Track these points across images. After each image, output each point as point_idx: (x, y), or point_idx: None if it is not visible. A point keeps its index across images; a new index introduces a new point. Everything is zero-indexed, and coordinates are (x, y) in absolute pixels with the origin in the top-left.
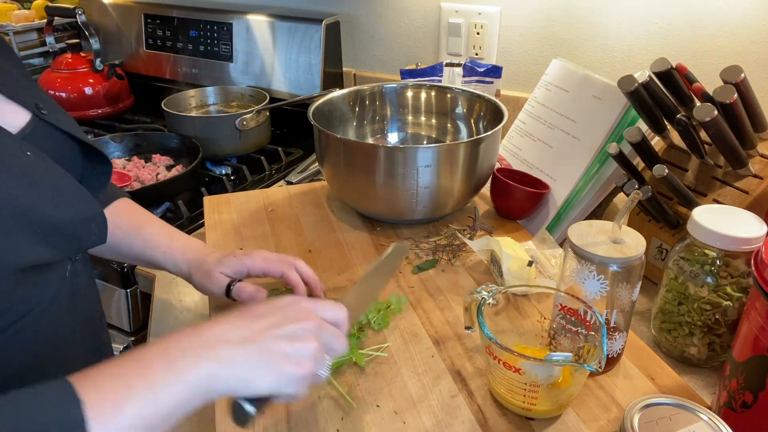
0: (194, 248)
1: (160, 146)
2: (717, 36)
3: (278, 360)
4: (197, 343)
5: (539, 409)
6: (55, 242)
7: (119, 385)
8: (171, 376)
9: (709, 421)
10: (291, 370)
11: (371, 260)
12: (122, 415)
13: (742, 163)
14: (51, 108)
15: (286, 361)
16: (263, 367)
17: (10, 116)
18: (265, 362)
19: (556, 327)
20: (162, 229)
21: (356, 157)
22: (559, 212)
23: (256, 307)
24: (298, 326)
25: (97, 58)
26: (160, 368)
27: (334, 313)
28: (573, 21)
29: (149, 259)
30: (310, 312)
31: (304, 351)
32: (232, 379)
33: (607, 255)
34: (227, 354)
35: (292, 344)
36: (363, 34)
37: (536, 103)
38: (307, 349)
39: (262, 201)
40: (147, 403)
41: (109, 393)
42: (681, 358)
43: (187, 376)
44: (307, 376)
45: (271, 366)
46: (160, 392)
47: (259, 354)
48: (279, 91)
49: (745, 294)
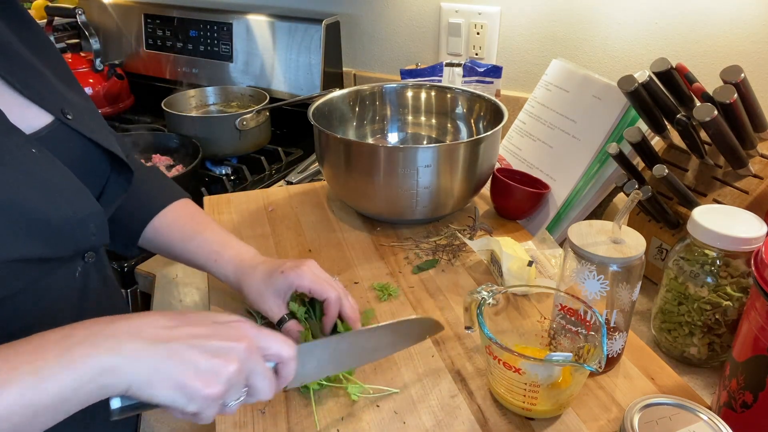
0: (244, 257)
1: (160, 146)
2: (717, 36)
3: (185, 370)
4: (104, 332)
5: (539, 409)
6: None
7: (5, 367)
8: (61, 364)
9: (709, 421)
10: (195, 386)
11: (371, 260)
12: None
13: (742, 163)
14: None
15: (193, 374)
16: (165, 373)
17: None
18: (169, 368)
19: (556, 327)
20: (215, 236)
21: (356, 157)
22: (559, 212)
23: (197, 314)
24: (225, 344)
25: (97, 58)
26: (52, 354)
27: (278, 348)
28: (573, 21)
29: (202, 266)
30: (249, 336)
31: (219, 370)
32: (129, 376)
33: (607, 255)
34: (132, 349)
35: (208, 359)
36: (363, 34)
37: (536, 103)
38: (223, 369)
39: (262, 201)
40: (29, 387)
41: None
42: (681, 358)
43: (77, 365)
44: (212, 399)
45: (175, 374)
46: (46, 379)
47: (166, 357)
48: (279, 91)
49: (745, 294)
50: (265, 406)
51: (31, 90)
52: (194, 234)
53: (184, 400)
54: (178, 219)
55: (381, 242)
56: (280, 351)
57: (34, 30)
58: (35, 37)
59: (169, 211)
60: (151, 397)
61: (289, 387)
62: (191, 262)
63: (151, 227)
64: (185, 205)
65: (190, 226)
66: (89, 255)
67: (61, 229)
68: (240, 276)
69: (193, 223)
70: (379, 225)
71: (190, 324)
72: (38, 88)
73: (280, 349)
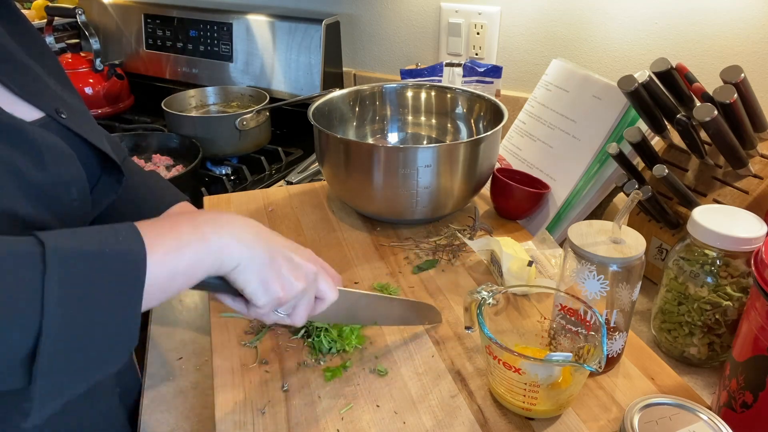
0: None
1: (160, 146)
2: (717, 36)
3: (272, 271)
4: (222, 219)
5: (539, 409)
6: (30, 194)
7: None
8: (194, 236)
9: (709, 421)
10: (273, 285)
11: (371, 260)
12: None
13: (742, 163)
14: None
15: (276, 276)
16: (261, 267)
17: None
18: (265, 264)
19: (556, 327)
20: None
21: (356, 157)
22: (559, 212)
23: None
24: (303, 263)
25: (97, 58)
26: (186, 229)
27: (327, 289)
28: (573, 21)
29: None
30: (315, 268)
31: (292, 282)
32: (239, 259)
33: (607, 255)
34: (247, 239)
35: (288, 269)
36: (363, 34)
37: (536, 103)
38: (295, 282)
39: (262, 201)
40: (171, 250)
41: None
42: (681, 358)
43: (207, 238)
44: (278, 301)
45: (266, 270)
46: (183, 246)
47: (266, 254)
48: (279, 91)
49: (745, 294)
50: (266, 406)
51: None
52: None
53: (260, 293)
54: None
55: (381, 242)
56: (328, 293)
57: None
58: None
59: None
60: (243, 282)
61: (311, 319)
62: None
63: None
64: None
65: None
66: None
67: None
68: None
69: None
70: (379, 225)
71: (282, 239)
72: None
73: (328, 291)
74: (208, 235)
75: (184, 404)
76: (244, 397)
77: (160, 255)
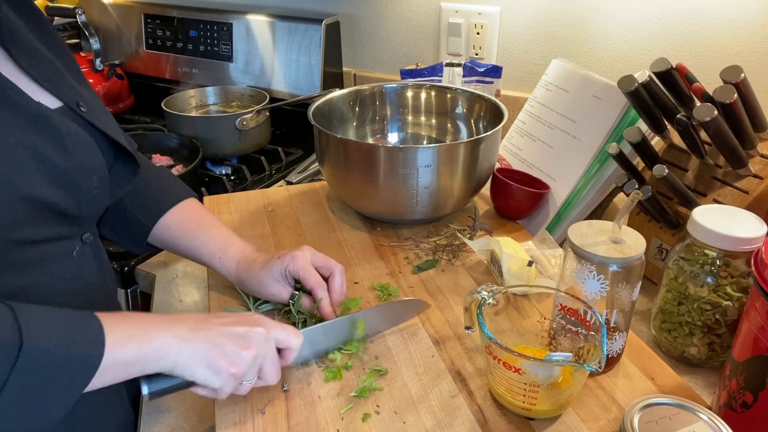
0: (246, 254)
1: (160, 146)
2: (717, 36)
3: (216, 352)
4: (170, 321)
5: (539, 409)
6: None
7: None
8: (142, 331)
9: (709, 421)
10: (223, 366)
11: (371, 260)
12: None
13: (742, 163)
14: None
15: (222, 355)
16: (202, 353)
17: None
18: (205, 350)
19: (556, 327)
20: (220, 235)
21: (356, 157)
22: (559, 212)
23: (220, 314)
24: (248, 330)
25: (97, 58)
26: (132, 324)
27: (286, 338)
28: (573, 21)
29: (207, 263)
30: (265, 326)
31: (242, 353)
32: (176, 356)
33: (607, 255)
34: (182, 333)
35: (233, 343)
36: (363, 34)
37: (536, 103)
38: (245, 352)
39: (262, 201)
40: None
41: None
42: (681, 358)
43: (151, 336)
44: (234, 377)
45: (209, 355)
46: (129, 341)
47: (203, 340)
48: (279, 91)
49: (745, 294)
50: (266, 406)
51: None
52: (200, 232)
53: (213, 378)
54: (185, 218)
55: (381, 242)
56: (289, 341)
57: (48, 28)
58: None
59: (177, 209)
60: (190, 374)
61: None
62: (196, 259)
63: (160, 225)
64: (192, 204)
65: (197, 224)
66: (87, 236)
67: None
68: (241, 271)
69: (199, 222)
70: (379, 225)
71: (218, 317)
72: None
73: (289, 339)
74: (150, 335)
75: (184, 404)
76: (244, 397)
77: (109, 345)
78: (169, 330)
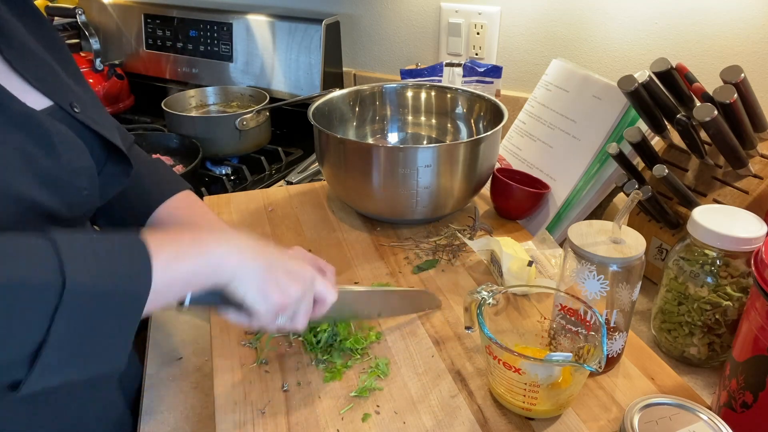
0: None
1: (160, 146)
2: (717, 36)
3: (270, 280)
4: (223, 235)
5: (539, 409)
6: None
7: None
8: (194, 247)
9: (709, 421)
10: (273, 294)
11: (371, 260)
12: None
13: (742, 163)
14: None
15: (274, 284)
16: (258, 278)
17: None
18: (262, 275)
19: (556, 327)
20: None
21: (356, 157)
22: (559, 212)
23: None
24: (298, 270)
25: (97, 58)
26: (187, 240)
27: (325, 291)
28: (573, 21)
29: None
30: (312, 272)
31: (289, 288)
32: (235, 272)
33: (607, 255)
34: (243, 250)
35: (286, 277)
36: (363, 34)
37: (536, 103)
38: (292, 288)
39: (262, 201)
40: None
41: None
42: (681, 358)
43: (207, 250)
44: (277, 307)
45: (263, 281)
46: (182, 257)
47: (263, 266)
48: (279, 91)
49: (745, 294)
50: (266, 406)
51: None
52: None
53: (261, 302)
54: (180, 210)
55: (381, 242)
56: (327, 294)
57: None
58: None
59: (171, 202)
60: (243, 293)
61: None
62: None
63: (154, 217)
64: (187, 196)
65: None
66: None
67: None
68: None
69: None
70: (379, 225)
71: (275, 248)
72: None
73: (327, 293)
74: (207, 247)
75: (184, 404)
76: (244, 397)
77: (161, 263)
78: (229, 246)
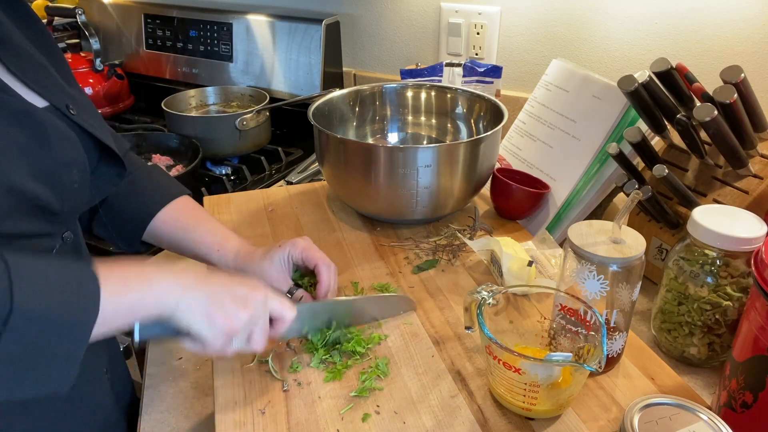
0: (244, 246)
1: (160, 146)
2: (717, 36)
3: (216, 306)
4: (165, 268)
5: (539, 409)
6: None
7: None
8: (140, 279)
9: (709, 421)
10: (220, 321)
11: (371, 260)
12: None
13: (742, 163)
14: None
15: (221, 310)
16: (202, 305)
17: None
18: (206, 302)
19: (556, 327)
20: (216, 228)
21: (356, 157)
22: (559, 212)
23: (220, 272)
24: (247, 292)
25: (97, 58)
26: (134, 272)
27: (281, 309)
28: (573, 21)
29: (204, 257)
30: (263, 292)
31: (239, 313)
32: (179, 303)
33: (607, 255)
34: (185, 280)
35: (232, 302)
36: (363, 34)
37: (536, 103)
38: (241, 312)
39: (262, 201)
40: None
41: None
42: (681, 358)
43: (151, 282)
44: (227, 333)
45: (208, 308)
46: (128, 288)
47: (206, 293)
48: (279, 91)
49: (745, 294)
50: (266, 406)
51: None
52: (197, 226)
53: (208, 330)
54: (180, 213)
55: (381, 242)
56: (283, 312)
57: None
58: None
59: (172, 206)
60: (187, 321)
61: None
62: (193, 252)
63: (154, 223)
64: (186, 201)
65: (193, 218)
66: (67, 235)
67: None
68: (240, 261)
69: (195, 216)
70: (379, 225)
71: (219, 274)
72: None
73: (283, 312)
74: (150, 280)
75: (184, 404)
76: (244, 397)
77: (108, 292)
78: (172, 277)
